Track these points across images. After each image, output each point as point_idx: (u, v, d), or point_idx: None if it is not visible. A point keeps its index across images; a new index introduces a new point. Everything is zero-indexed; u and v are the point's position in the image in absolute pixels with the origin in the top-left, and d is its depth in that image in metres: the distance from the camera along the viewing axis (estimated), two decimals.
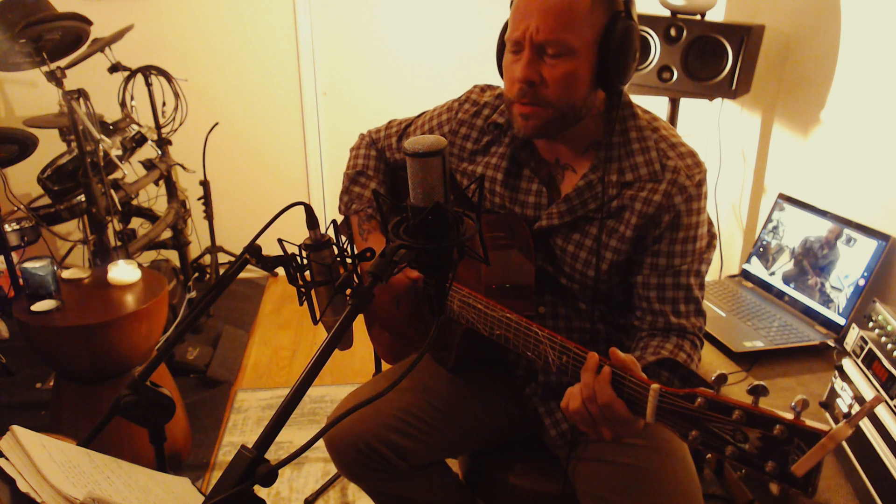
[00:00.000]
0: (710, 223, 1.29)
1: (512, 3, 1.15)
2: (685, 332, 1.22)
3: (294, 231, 0.99)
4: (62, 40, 2.44)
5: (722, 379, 0.83)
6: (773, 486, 0.78)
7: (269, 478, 0.72)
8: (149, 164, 2.84)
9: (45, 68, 2.26)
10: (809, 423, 0.75)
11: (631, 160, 1.20)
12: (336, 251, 1.03)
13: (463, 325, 1.27)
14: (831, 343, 1.69)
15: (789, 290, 1.89)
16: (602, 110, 1.22)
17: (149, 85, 2.80)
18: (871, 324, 1.37)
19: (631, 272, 1.25)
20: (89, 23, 2.43)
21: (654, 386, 0.90)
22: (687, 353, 1.19)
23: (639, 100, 2.19)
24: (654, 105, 2.31)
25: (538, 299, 1.29)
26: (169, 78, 2.81)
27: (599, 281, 1.24)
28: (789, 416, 0.76)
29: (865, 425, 1.25)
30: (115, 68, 2.74)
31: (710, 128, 2.48)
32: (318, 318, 1.06)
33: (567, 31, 1.08)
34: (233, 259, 3.14)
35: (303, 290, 1.02)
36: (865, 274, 1.68)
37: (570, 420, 1.06)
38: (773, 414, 0.77)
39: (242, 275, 3.38)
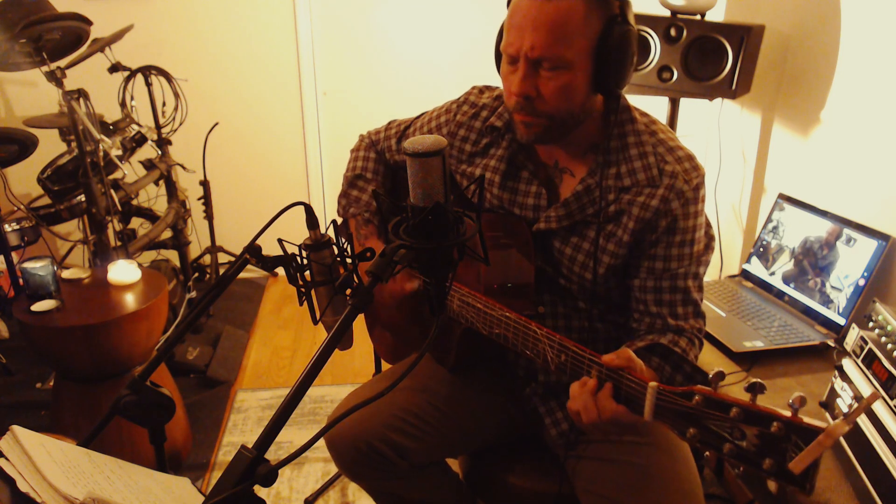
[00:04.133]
0: (709, 225, 1.29)
1: (509, 4, 1.14)
2: (682, 331, 1.22)
3: (294, 231, 0.99)
4: (62, 40, 2.44)
5: (720, 376, 0.83)
6: (771, 484, 0.78)
7: (269, 478, 0.72)
8: (149, 164, 2.84)
9: (45, 68, 2.26)
10: (807, 420, 0.75)
11: (629, 165, 1.19)
12: (336, 251, 1.03)
13: (462, 324, 1.27)
14: (831, 343, 1.69)
15: (789, 290, 1.89)
16: (601, 112, 1.22)
17: (149, 85, 2.80)
18: (871, 324, 1.37)
19: (628, 275, 1.25)
20: (89, 23, 2.42)
21: (652, 384, 0.90)
22: (682, 347, 1.20)
23: (639, 100, 2.20)
24: (654, 105, 2.31)
25: (538, 298, 1.29)
26: (169, 78, 2.81)
27: (596, 284, 1.24)
28: (787, 413, 0.76)
29: (865, 425, 1.25)
30: (115, 68, 2.74)
31: (710, 128, 2.48)
32: (318, 318, 1.06)
33: (562, 46, 1.07)
34: (233, 259, 3.14)
35: (303, 290, 1.02)
36: (865, 274, 1.68)
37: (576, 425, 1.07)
38: (770, 411, 0.77)
39: (242, 275, 3.39)
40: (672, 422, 0.88)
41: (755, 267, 2.04)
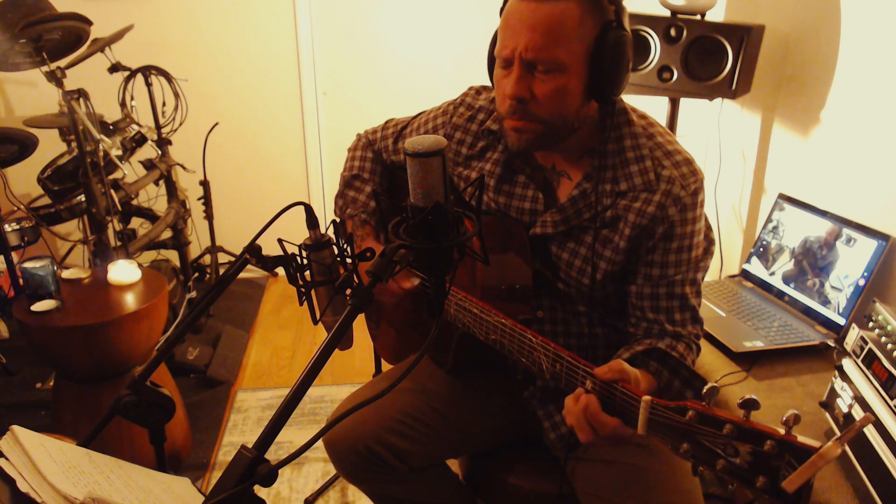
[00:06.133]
0: (709, 228, 1.28)
1: (502, 12, 1.13)
2: (680, 337, 1.21)
3: (294, 231, 0.99)
4: (62, 40, 2.44)
5: (713, 391, 0.82)
6: (764, 500, 0.78)
7: (269, 478, 0.72)
8: (149, 164, 2.84)
9: (45, 68, 2.26)
10: (801, 439, 0.74)
11: (625, 169, 1.18)
12: (336, 251, 1.04)
13: (460, 328, 1.27)
14: (831, 343, 1.69)
15: (789, 290, 1.89)
16: (597, 118, 1.21)
17: (149, 85, 2.80)
18: (871, 324, 1.37)
19: (625, 281, 1.25)
20: (89, 23, 2.42)
21: (646, 398, 0.90)
22: (680, 352, 1.19)
23: (639, 100, 2.20)
24: (654, 105, 2.32)
25: (536, 303, 1.28)
26: (169, 78, 2.81)
27: (594, 289, 1.24)
28: (780, 431, 0.76)
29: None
30: (115, 68, 2.74)
31: (710, 128, 2.48)
32: (318, 318, 1.06)
33: (556, 48, 1.07)
34: (233, 259, 3.14)
35: (303, 290, 1.02)
36: (865, 274, 1.68)
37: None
38: (764, 429, 0.77)
39: (242, 275, 3.38)
40: (665, 436, 0.87)
41: (755, 267, 2.04)
